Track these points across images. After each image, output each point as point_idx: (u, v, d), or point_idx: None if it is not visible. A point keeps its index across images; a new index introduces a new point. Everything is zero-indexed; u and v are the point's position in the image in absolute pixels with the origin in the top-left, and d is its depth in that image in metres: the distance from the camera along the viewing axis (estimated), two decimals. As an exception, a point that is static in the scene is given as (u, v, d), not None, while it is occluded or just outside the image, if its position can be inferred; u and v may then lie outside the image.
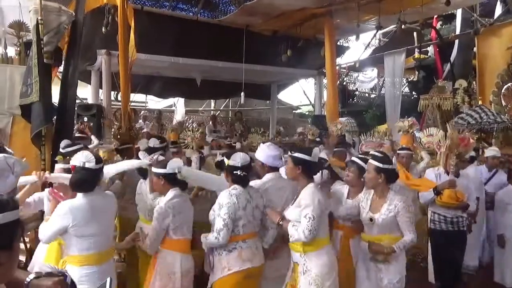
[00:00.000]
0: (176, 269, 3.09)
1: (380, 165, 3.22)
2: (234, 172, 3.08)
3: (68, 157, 3.68)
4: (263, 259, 3.15)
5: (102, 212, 2.83)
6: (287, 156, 3.19)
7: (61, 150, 4.10)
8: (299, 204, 2.96)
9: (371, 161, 3.30)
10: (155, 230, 3.11)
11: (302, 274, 2.97)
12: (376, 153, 3.36)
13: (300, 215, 2.90)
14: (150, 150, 4.13)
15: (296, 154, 3.09)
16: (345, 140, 6.77)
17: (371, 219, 3.21)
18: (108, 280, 1.71)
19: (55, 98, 4.98)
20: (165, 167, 3.25)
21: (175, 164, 3.27)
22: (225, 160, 3.14)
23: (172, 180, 3.24)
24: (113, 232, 3.16)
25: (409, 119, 5.81)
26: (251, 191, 3.14)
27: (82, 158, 2.79)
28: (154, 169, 3.33)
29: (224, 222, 2.93)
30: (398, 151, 5.11)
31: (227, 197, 3.00)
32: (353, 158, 3.66)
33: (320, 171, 3.14)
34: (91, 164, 2.78)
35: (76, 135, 6.43)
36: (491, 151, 5.73)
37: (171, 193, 3.21)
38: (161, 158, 3.72)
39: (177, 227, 3.14)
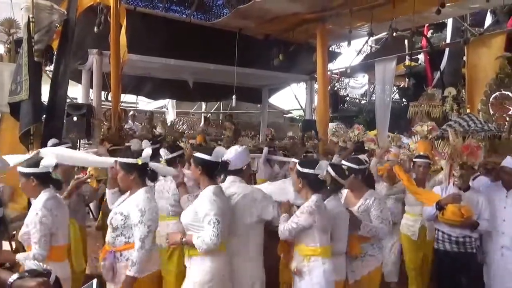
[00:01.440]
0: None
1: (300, 168, 2.99)
2: (147, 169, 2.88)
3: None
4: None
5: None
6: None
7: (49, 149, 4.06)
8: (195, 208, 2.71)
9: (297, 164, 3.11)
10: (41, 241, 2.72)
11: (186, 279, 2.77)
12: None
13: (196, 219, 2.67)
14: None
15: (197, 154, 2.82)
16: (363, 146, 6.37)
17: None
18: (94, 282, 1.70)
19: (45, 96, 4.94)
20: (36, 165, 2.82)
21: (49, 161, 2.85)
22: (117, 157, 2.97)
23: (46, 179, 2.86)
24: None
25: (429, 123, 5.29)
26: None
27: None
28: (22, 169, 2.85)
29: (149, 229, 2.72)
30: (414, 159, 4.72)
31: (148, 202, 2.77)
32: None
33: (223, 173, 2.80)
34: None
35: None
36: None
37: (44, 194, 2.84)
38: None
39: (50, 233, 2.79)
